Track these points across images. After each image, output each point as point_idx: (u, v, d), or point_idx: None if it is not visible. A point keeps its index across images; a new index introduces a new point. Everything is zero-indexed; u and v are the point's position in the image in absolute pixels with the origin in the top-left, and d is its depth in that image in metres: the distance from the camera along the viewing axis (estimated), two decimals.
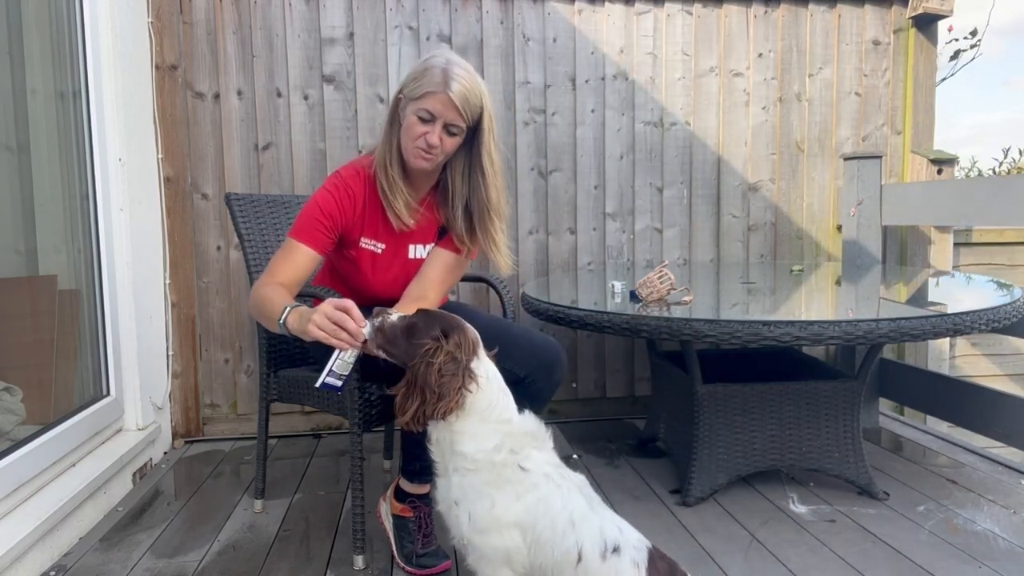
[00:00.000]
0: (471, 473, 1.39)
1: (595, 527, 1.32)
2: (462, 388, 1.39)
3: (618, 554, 1.29)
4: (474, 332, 1.46)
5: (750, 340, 1.88)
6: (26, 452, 1.97)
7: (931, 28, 3.40)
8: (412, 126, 1.71)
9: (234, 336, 3.02)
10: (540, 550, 1.34)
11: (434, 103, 1.67)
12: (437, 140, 1.70)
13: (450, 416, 1.39)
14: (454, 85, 1.66)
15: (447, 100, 1.66)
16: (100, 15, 2.49)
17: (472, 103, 1.70)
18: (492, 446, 1.38)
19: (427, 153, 1.72)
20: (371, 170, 1.84)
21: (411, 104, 1.72)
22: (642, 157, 3.27)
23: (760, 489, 2.38)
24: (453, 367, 1.39)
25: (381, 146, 1.82)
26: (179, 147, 2.92)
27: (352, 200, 1.82)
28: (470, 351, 1.43)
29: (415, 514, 1.89)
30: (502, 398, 1.43)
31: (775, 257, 3.40)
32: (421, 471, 1.87)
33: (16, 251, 2.22)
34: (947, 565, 1.86)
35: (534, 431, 1.42)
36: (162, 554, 2.02)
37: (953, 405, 2.84)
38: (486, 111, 1.74)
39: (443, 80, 1.66)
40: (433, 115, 1.68)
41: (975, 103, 31.91)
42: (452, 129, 1.71)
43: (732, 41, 3.30)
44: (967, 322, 1.94)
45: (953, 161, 3.34)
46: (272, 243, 2.28)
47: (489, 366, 1.45)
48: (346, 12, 3.01)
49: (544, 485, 1.37)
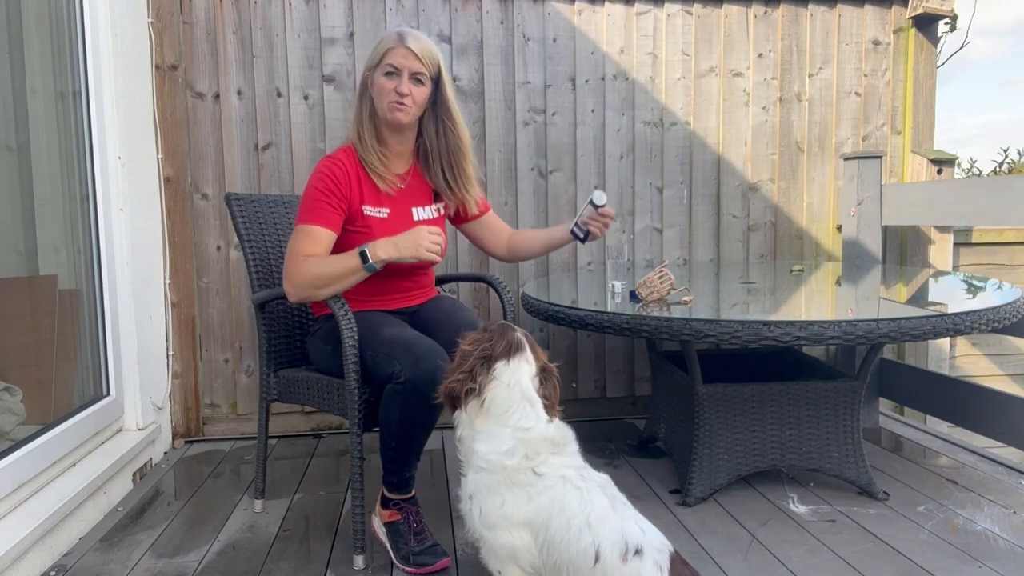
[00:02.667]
0: (484, 472, 1.44)
1: (615, 528, 1.32)
2: (468, 380, 1.45)
3: (640, 557, 1.28)
4: (518, 340, 1.51)
5: (750, 340, 1.88)
6: (26, 452, 1.97)
7: (931, 28, 3.40)
8: (382, 86, 1.90)
9: (234, 336, 3.02)
10: (554, 549, 1.35)
11: (395, 56, 1.88)
12: (407, 89, 1.88)
13: (464, 406, 1.47)
14: (408, 38, 1.89)
15: (405, 51, 1.87)
16: (100, 15, 2.49)
17: (429, 53, 1.90)
18: (505, 449, 1.42)
19: (400, 103, 1.89)
20: (352, 146, 1.98)
21: (375, 71, 1.91)
22: (642, 157, 3.27)
23: (760, 489, 2.38)
24: (473, 358, 1.46)
25: (354, 122, 1.99)
26: (179, 147, 2.92)
27: (344, 171, 1.92)
28: (499, 352, 1.47)
29: (403, 516, 1.90)
30: (523, 406, 1.45)
31: (775, 257, 3.40)
32: (399, 484, 1.90)
33: (16, 251, 2.22)
34: (947, 565, 1.86)
35: (554, 437, 1.45)
36: (162, 554, 2.02)
37: (953, 405, 2.84)
38: (442, 66, 1.95)
39: (397, 37, 1.89)
40: (397, 68, 1.88)
41: (978, 103, 31.99)
42: (419, 77, 1.90)
43: (732, 41, 3.30)
44: (967, 322, 1.94)
45: (953, 161, 3.34)
46: (272, 243, 2.28)
47: (519, 374, 1.48)
48: (346, 12, 3.01)
49: (560, 487, 1.38)
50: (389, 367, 1.74)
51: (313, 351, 2.09)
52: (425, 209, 2.06)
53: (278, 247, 2.30)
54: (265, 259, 2.24)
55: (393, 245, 1.79)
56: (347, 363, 1.83)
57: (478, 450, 1.45)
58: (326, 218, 1.86)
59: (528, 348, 1.52)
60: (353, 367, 1.83)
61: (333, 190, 1.88)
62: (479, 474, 1.45)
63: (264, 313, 2.18)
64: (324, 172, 1.90)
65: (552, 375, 1.55)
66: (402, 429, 1.78)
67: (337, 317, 1.84)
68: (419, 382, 1.70)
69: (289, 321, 2.27)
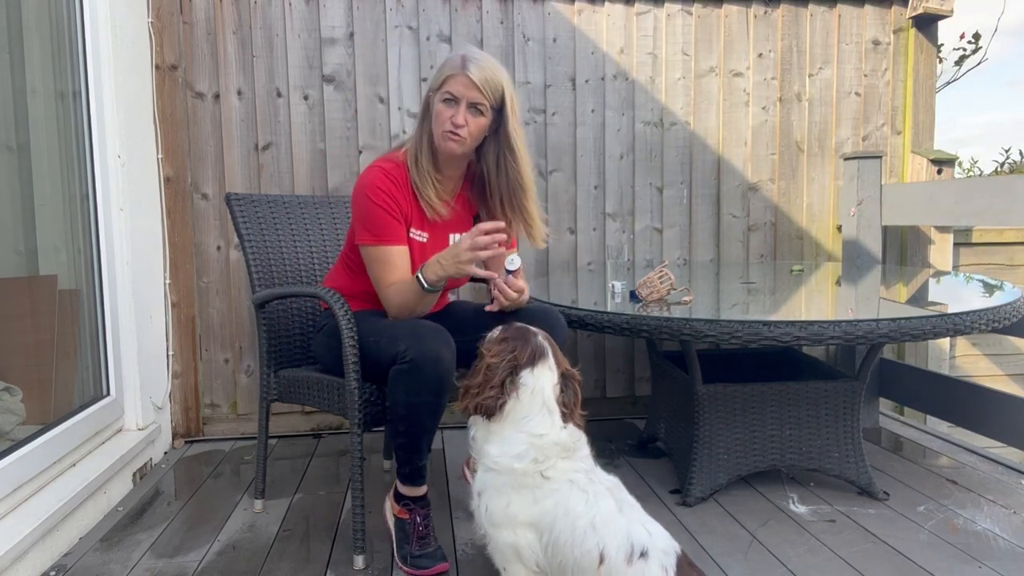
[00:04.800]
0: (492, 472, 1.45)
1: (621, 530, 1.33)
2: (500, 395, 1.46)
3: (645, 559, 1.29)
4: (541, 346, 1.52)
5: (750, 340, 1.88)
6: (26, 452, 1.97)
7: (931, 28, 3.40)
8: (439, 113, 1.83)
9: (234, 336, 3.02)
10: (558, 550, 1.37)
11: (455, 85, 1.80)
12: (463, 120, 1.81)
13: (489, 417, 1.47)
14: (471, 66, 1.79)
15: (467, 80, 1.79)
16: (100, 15, 2.49)
17: (492, 82, 1.81)
18: (515, 453, 1.43)
19: (455, 134, 1.82)
20: (404, 162, 1.92)
21: (436, 95, 1.85)
22: (642, 157, 3.27)
23: (760, 489, 2.38)
24: (502, 371, 1.47)
25: (412, 141, 1.93)
26: (179, 147, 2.92)
27: (400, 189, 1.90)
28: (524, 361, 1.47)
29: (410, 516, 1.90)
30: (541, 413, 1.46)
31: (775, 257, 3.40)
32: (412, 474, 1.88)
33: (16, 251, 2.22)
34: (947, 565, 1.86)
35: (565, 442, 1.45)
36: (162, 554, 2.02)
37: (953, 405, 2.84)
38: (508, 95, 1.84)
39: (461, 64, 1.80)
40: (455, 96, 1.80)
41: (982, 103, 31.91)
42: (478, 108, 1.82)
43: (732, 41, 3.30)
44: (967, 322, 1.94)
45: (953, 161, 3.34)
46: (272, 243, 2.28)
47: (542, 381, 1.48)
48: (346, 12, 3.01)
49: (566, 490, 1.39)
50: (393, 348, 1.75)
51: (318, 347, 2.10)
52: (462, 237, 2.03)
53: (278, 247, 2.29)
54: (265, 259, 2.24)
55: (438, 264, 1.80)
56: (347, 362, 1.83)
57: (490, 452, 1.46)
58: (396, 234, 1.88)
59: (550, 353, 1.53)
60: (353, 366, 1.83)
61: (394, 207, 1.87)
62: (488, 473, 1.46)
63: (264, 313, 2.18)
64: (381, 188, 1.87)
65: (572, 381, 1.55)
66: (409, 411, 1.76)
67: (337, 317, 1.84)
68: (424, 359, 1.70)
69: (289, 321, 2.27)
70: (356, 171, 3.04)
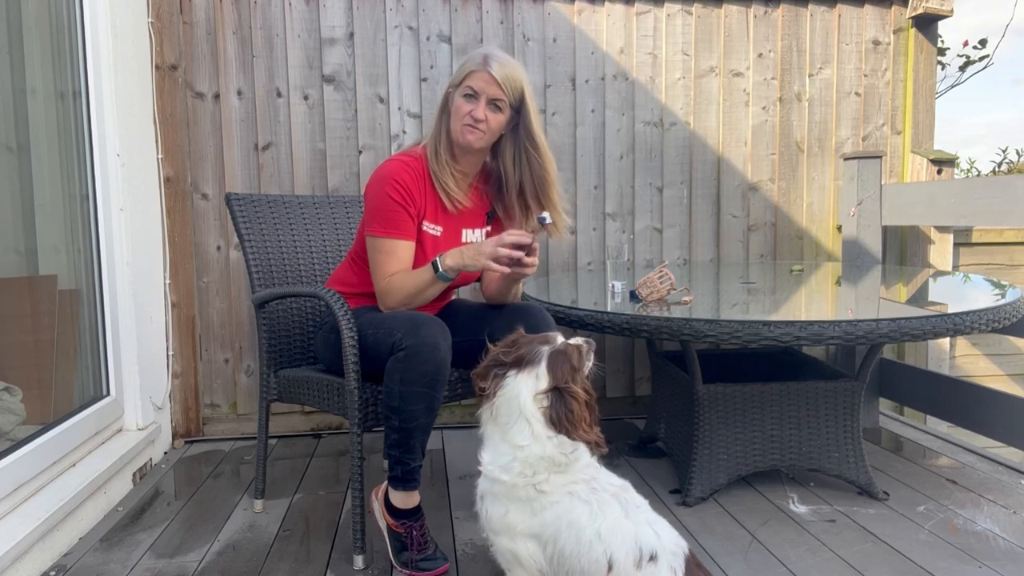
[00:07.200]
0: (487, 479, 1.44)
1: (629, 536, 1.31)
2: (483, 382, 1.46)
3: (655, 562, 1.28)
4: (538, 354, 1.45)
5: (750, 340, 1.88)
6: (26, 452, 1.97)
7: (931, 28, 3.40)
8: (459, 107, 1.87)
9: (234, 336, 3.02)
10: (564, 560, 1.35)
11: (476, 80, 1.84)
12: (482, 114, 1.85)
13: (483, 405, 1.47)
14: (493, 64, 1.84)
15: (487, 76, 1.83)
16: (100, 15, 2.49)
17: (512, 79, 1.85)
18: (502, 464, 1.41)
19: (474, 127, 1.85)
20: (423, 155, 1.95)
21: (456, 90, 1.89)
22: (642, 157, 3.27)
23: (760, 489, 2.38)
24: (493, 363, 1.46)
25: (432, 135, 1.95)
26: (179, 147, 2.92)
27: (416, 180, 1.91)
28: (509, 362, 1.46)
29: (406, 532, 1.87)
30: (519, 422, 1.39)
31: (775, 257, 3.40)
32: (404, 476, 1.83)
33: (16, 251, 2.22)
34: (947, 565, 1.86)
35: (554, 457, 1.37)
36: (162, 554, 2.02)
37: (953, 405, 2.84)
38: (527, 94, 1.89)
39: (482, 61, 1.85)
40: (476, 91, 1.85)
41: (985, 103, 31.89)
42: (497, 104, 1.86)
43: (732, 41, 3.30)
44: (967, 322, 1.94)
45: (953, 161, 3.34)
46: (272, 243, 2.28)
47: (519, 387, 1.41)
48: (346, 12, 3.01)
49: (566, 502, 1.37)
50: (390, 338, 1.75)
51: (319, 344, 2.10)
52: (475, 231, 2.05)
53: (278, 247, 2.30)
54: (265, 259, 2.24)
55: (459, 253, 1.82)
56: (347, 362, 1.83)
57: (483, 457, 1.45)
58: (406, 229, 1.88)
59: (544, 364, 1.42)
60: (353, 366, 1.83)
61: (408, 200, 1.88)
62: (484, 480, 1.46)
63: (264, 313, 2.18)
64: (398, 180, 1.87)
65: (567, 395, 1.40)
66: (403, 401, 1.73)
67: (337, 317, 1.84)
68: (421, 345, 1.70)
69: (289, 321, 2.27)
70: (356, 171, 3.04)
